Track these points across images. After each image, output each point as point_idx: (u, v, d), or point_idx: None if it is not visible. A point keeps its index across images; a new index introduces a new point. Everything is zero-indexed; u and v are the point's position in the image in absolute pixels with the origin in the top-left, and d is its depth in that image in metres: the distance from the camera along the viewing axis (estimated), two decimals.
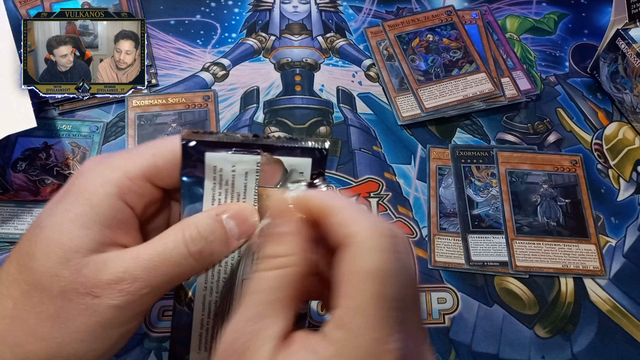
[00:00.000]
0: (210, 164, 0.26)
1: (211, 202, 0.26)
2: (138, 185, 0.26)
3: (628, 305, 0.43)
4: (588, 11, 0.61)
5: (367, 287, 0.21)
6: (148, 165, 0.26)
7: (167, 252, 0.25)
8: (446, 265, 0.44)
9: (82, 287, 0.24)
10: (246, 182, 0.26)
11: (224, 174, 0.26)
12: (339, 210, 0.23)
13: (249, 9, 0.59)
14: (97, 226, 0.25)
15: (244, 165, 0.26)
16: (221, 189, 0.26)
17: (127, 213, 0.26)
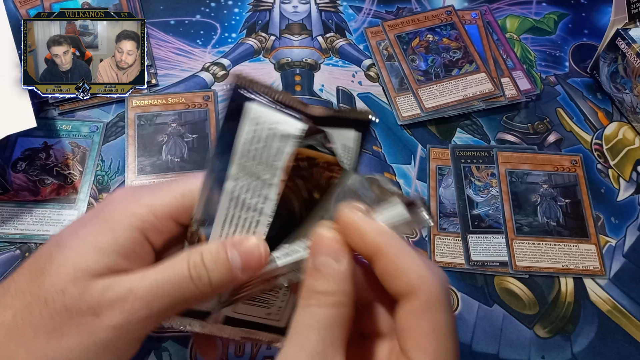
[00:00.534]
0: (251, 115, 0.25)
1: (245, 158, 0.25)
2: (162, 224, 0.27)
3: (628, 305, 0.43)
4: (588, 11, 0.61)
5: (449, 343, 0.23)
6: (176, 205, 0.27)
7: (171, 274, 0.25)
8: (446, 265, 0.44)
9: (85, 305, 0.24)
10: (282, 146, 0.25)
11: (260, 130, 0.25)
12: (399, 254, 0.24)
13: (249, 9, 0.59)
14: (115, 255, 0.25)
15: (285, 126, 0.25)
16: (257, 145, 0.25)
17: (146, 248, 0.27)
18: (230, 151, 0.25)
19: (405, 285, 0.24)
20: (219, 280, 0.26)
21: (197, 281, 0.25)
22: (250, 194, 0.26)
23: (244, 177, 0.26)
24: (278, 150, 0.25)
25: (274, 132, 0.25)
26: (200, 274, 0.25)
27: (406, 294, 0.24)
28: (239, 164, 0.25)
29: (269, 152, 0.25)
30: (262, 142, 0.25)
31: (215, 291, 0.26)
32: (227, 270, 0.26)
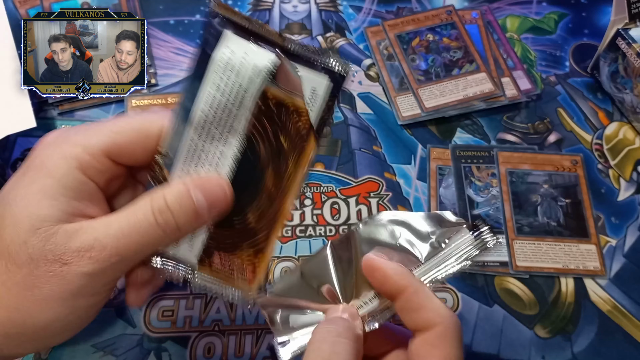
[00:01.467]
0: (227, 42, 0.25)
1: (210, 87, 0.25)
2: (98, 161, 0.26)
3: (628, 305, 0.43)
4: (588, 11, 0.61)
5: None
6: (109, 143, 0.26)
7: (136, 222, 0.25)
8: None
9: (50, 254, 0.24)
10: (252, 77, 0.25)
11: (233, 60, 0.25)
12: (420, 292, 0.27)
13: (249, 8, 0.59)
14: (63, 197, 0.25)
15: (257, 57, 0.24)
16: (224, 75, 0.25)
17: (91, 186, 0.26)
18: (201, 80, 0.25)
19: (424, 318, 0.26)
20: (185, 222, 0.26)
21: (164, 226, 0.25)
22: (216, 125, 0.25)
23: (212, 108, 0.25)
24: (250, 82, 0.25)
25: (247, 62, 0.24)
26: (166, 219, 0.25)
27: (423, 327, 0.26)
28: (209, 93, 0.25)
29: (240, 82, 0.25)
30: (235, 72, 0.24)
31: (184, 232, 0.27)
32: (193, 211, 0.26)
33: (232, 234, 0.28)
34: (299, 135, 0.26)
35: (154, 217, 0.25)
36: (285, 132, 0.26)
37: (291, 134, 0.26)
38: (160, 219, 0.25)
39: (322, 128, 0.26)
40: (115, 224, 0.25)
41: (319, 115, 0.26)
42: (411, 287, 0.27)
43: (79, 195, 0.26)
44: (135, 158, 0.27)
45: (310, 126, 0.26)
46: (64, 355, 0.39)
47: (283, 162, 0.27)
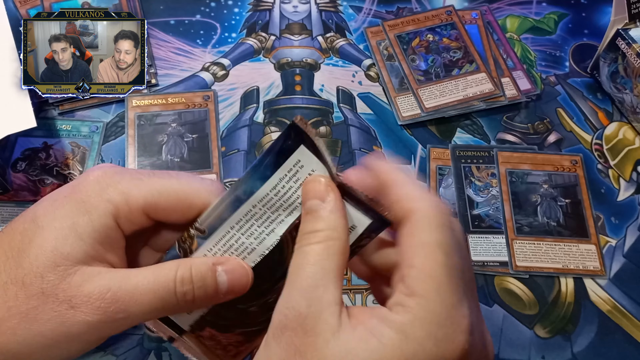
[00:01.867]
0: (297, 157, 0.25)
1: (270, 188, 0.26)
2: (135, 215, 0.27)
3: (628, 305, 0.43)
4: (588, 11, 0.61)
5: (437, 257, 0.22)
6: (151, 201, 0.27)
7: (156, 284, 0.25)
8: None
9: (62, 293, 0.24)
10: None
11: (300, 172, 0.26)
12: (404, 183, 0.25)
13: (249, 8, 0.59)
14: (92, 240, 0.25)
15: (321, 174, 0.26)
16: (287, 184, 0.26)
17: (118, 234, 0.27)
18: (264, 180, 0.26)
19: (400, 210, 0.24)
20: (202, 298, 0.26)
21: (180, 296, 0.25)
22: (259, 224, 0.26)
23: (263, 206, 0.26)
24: (298, 198, 0.26)
25: (310, 176, 0.26)
26: (186, 291, 0.25)
27: (401, 217, 0.24)
28: (265, 195, 0.26)
29: (298, 193, 0.26)
30: (297, 183, 0.26)
31: (196, 307, 0.27)
32: (213, 290, 0.26)
33: (230, 318, 0.28)
34: None
35: (174, 285, 0.25)
36: None
37: None
38: (180, 289, 0.25)
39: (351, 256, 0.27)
40: (133, 280, 0.25)
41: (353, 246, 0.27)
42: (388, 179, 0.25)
43: (105, 240, 0.26)
44: (170, 219, 0.28)
45: None
46: None
47: None
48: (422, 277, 0.22)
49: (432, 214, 0.23)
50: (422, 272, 0.22)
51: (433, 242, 0.23)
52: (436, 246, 0.23)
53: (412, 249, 0.23)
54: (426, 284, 0.22)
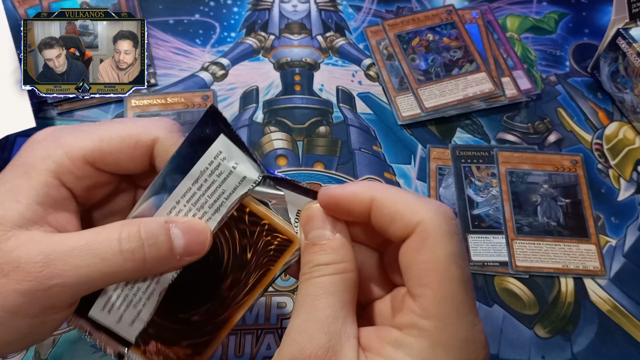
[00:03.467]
0: (217, 147, 0.25)
1: (194, 183, 0.25)
2: (77, 167, 0.25)
3: (628, 305, 0.43)
4: (588, 10, 0.61)
5: (453, 273, 0.21)
6: (91, 148, 0.25)
7: (95, 243, 0.23)
8: None
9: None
10: (237, 186, 0.25)
11: (223, 164, 0.25)
12: (392, 199, 0.23)
13: (248, 8, 0.59)
14: (28, 200, 0.23)
15: (246, 170, 0.25)
16: (209, 178, 0.25)
17: (62, 193, 0.25)
18: (184, 173, 0.25)
19: (402, 227, 0.22)
20: (155, 258, 0.24)
21: (128, 255, 0.23)
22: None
23: (187, 202, 0.25)
24: (233, 189, 0.25)
25: (235, 170, 0.25)
26: (134, 249, 0.23)
27: (405, 235, 0.22)
28: (188, 190, 0.25)
29: (223, 187, 0.25)
30: (221, 176, 0.25)
31: (146, 271, 0.24)
32: (166, 249, 0.24)
33: (174, 329, 0.27)
34: (268, 256, 0.26)
35: (118, 244, 0.23)
36: (255, 249, 0.26)
37: (259, 252, 0.26)
38: (127, 246, 0.23)
39: None
40: (70, 242, 0.23)
41: None
42: (383, 196, 0.23)
43: (46, 200, 0.24)
44: (122, 166, 0.26)
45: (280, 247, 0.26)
46: (64, 355, 0.39)
47: (245, 277, 0.26)
48: (439, 298, 0.21)
49: (438, 223, 0.22)
50: (438, 293, 0.21)
51: (446, 256, 0.21)
52: (450, 261, 0.21)
53: (423, 265, 0.22)
54: (445, 306, 0.21)
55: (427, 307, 0.21)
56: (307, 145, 0.50)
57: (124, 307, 0.26)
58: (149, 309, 0.26)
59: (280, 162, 0.49)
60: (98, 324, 0.27)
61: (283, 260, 0.26)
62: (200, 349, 0.27)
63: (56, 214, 0.24)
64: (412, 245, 0.22)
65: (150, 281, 0.26)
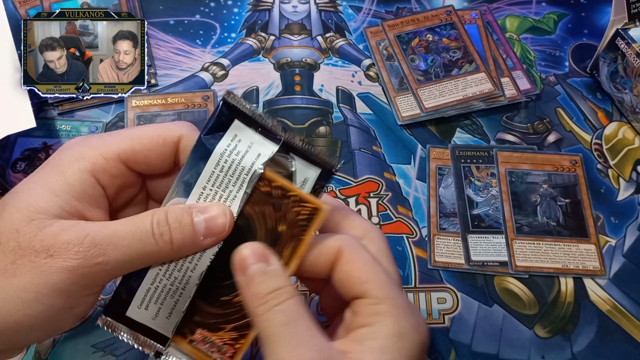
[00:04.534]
0: (233, 131, 0.27)
1: (216, 167, 0.27)
2: (112, 166, 0.27)
3: (628, 305, 0.43)
4: (588, 11, 0.61)
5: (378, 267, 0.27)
6: (124, 148, 0.27)
7: (132, 226, 0.25)
8: (446, 265, 0.44)
9: (39, 244, 0.24)
10: (255, 162, 0.27)
11: (239, 145, 0.27)
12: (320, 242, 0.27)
13: (249, 8, 0.59)
14: (66, 195, 0.25)
15: (261, 147, 0.27)
16: (229, 158, 0.27)
17: (97, 190, 0.27)
18: (206, 159, 0.27)
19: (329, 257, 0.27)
20: (180, 240, 0.26)
21: (158, 237, 0.25)
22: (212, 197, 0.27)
23: (213, 186, 0.27)
24: (251, 165, 0.27)
25: (250, 149, 0.27)
26: (163, 231, 0.25)
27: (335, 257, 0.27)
28: (212, 174, 0.27)
29: (242, 164, 0.27)
30: (239, 155, 0.27)
31: (176, 252, 0.26)
32: (189, 232, 0.26)
33: (218, 313, 0.28)
34: (298, 226, 0.27)
35: (151, 227, 0.25)
36: (286, 221, 0.27)
37: (290, 223, 0.27)
38: (157, 230, 0.25)
39: None
40: (111, 226, 0.25)
41: None
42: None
43: (82, 196, 0.26)
44: (151, 165, 0.28)
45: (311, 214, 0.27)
46: (64, 355, 0.39)
47: (280, 249, 0.27)
48: (381, 284, 0.26)
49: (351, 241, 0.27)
50: (378, 281, 0.26)
51: (369, 257, 0.27)
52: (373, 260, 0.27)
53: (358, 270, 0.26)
54: (388, 288, 0.26)
55: (377, 295, 0.25)
56: None
57: (161, 299, 0.27)
58: (186, 299, 0.27)
59: None
60: (135, 323, 0.27)
61: (313, 228, 0.27)
62: (244, 331, 0.27)
63: (92, 209, 0.26)
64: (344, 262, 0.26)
65: (186, 271, 0.27)
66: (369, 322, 0.25)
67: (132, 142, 0.27)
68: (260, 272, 0.25)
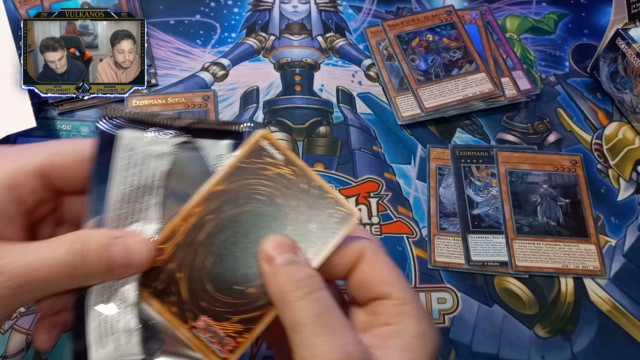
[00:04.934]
0: (123, 143, 0.26)
1: (122, 185, 0.26)
2: (29, 181, 0.26)
3: (628, 305, 0.43)
4: (588, 11, 0.61)
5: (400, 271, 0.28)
6: (43, 163, 0.26)
7: (53, 256, 0.24)
8: (446, 265, 0.44)
9: None
10: (156, 166, 0.26)
11: (135, 156, 0.26)
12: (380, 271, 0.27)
13: (249, 8, 0.59)
14: None
15: (157, 147, 0.26)
16: (134, 170, 0.26)
17: (13, 207, 0.26)
18: (106, 182, 0.26)
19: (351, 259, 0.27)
20: (96, 274, 0.25)
21: (76, 269, 0.25)
22: (131, 218, 0.26)
23: (123, 204, 0.26)
24: (155, 170, 0.26)
25: (149, 153, 0.26)
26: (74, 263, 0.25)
27: (352, 264, 0.27)
28: (117, 192, 0.26)
29: (146, 174, 0.26)
30: (139, 167, 0.26)
31: (93, 280, 0.26)
32: (106, 265, 0.25)
33: (227, 302, 0.26)
34: (330, 228, 0.27)
35: (70, 257, 0.24)
36: (318, 221, 0.27)
37: (322, 223, 0.27)
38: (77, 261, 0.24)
39: None
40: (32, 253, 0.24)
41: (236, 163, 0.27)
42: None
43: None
44: (69, 182, 0.27)
45: None
46: (64, 355, 0.39)
47: (307, 247, 0.27)
48: (404, 287, 0.27)
49: (372, 246, 0.27)
50: (401, 284, 0.27)
51: (390, 261, 0.27)
52: (393, 263, 0.27)
53: (381, 271, 0.27)
54: (410, 291, 0.27)
55: (401, 296, 0.26)
56: (307, 146, 0.50)
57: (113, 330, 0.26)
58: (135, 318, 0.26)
59: None
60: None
61: (343, 232, 0.27)
62: (251, 324, 0.26)
63: (8, 226, 0.25)
64: (365, 264, 0.27)
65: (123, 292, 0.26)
66: (393, 321, 0.26)
67: (51, 157, 0.26)
68: (290, 261, 0.25)
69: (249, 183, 0.27)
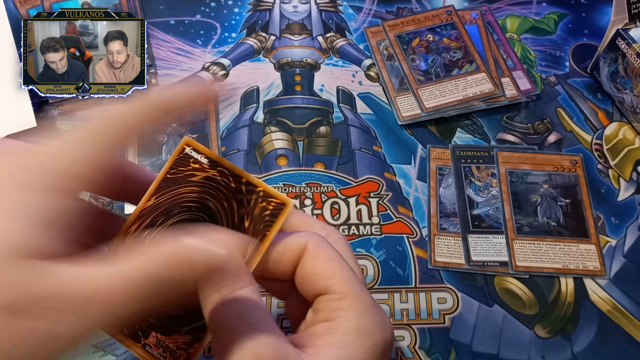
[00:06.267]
0: None
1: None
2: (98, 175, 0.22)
3: (628, 305, 0.43)
4: (588, 11, 0.61)
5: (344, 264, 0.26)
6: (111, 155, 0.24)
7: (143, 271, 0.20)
8: (446, 265, 0.44)
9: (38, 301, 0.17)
10: None
11: None
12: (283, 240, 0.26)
13: (249, 8, 0.59)
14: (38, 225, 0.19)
15: None
16: None
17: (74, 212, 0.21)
18: None
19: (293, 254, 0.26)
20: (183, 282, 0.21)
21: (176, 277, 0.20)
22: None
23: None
24: None
25: None
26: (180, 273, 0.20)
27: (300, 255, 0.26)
28: None
29: None
30: None
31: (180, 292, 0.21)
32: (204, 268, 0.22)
33: (173, 316, 0.26)
34: (264, 221, 0.26)
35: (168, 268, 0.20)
36: (251, 217, 0.26)
37: (256, 219, 0.26)
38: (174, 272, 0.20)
39: None
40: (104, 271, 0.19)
41: None
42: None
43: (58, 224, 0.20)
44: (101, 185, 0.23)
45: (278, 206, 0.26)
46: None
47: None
48: (346, 280, 0.25)
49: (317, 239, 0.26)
50: (344, 277, 0.25)
51: (334, 254, 0.26)
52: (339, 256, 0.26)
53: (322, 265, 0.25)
54: (352, 284, 0.25)
55: (341, 290, 0.25)
56: (307, 145, 0.50)
57: None
58: None
59: (281, 162, 0.49)
60: None
61: (278, 224, 0.26)
62: (200, 333, 0.26)
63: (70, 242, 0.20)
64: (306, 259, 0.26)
65: None
66: (331, 317, 0.24)
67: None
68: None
69: (179, 192, 0.27)
